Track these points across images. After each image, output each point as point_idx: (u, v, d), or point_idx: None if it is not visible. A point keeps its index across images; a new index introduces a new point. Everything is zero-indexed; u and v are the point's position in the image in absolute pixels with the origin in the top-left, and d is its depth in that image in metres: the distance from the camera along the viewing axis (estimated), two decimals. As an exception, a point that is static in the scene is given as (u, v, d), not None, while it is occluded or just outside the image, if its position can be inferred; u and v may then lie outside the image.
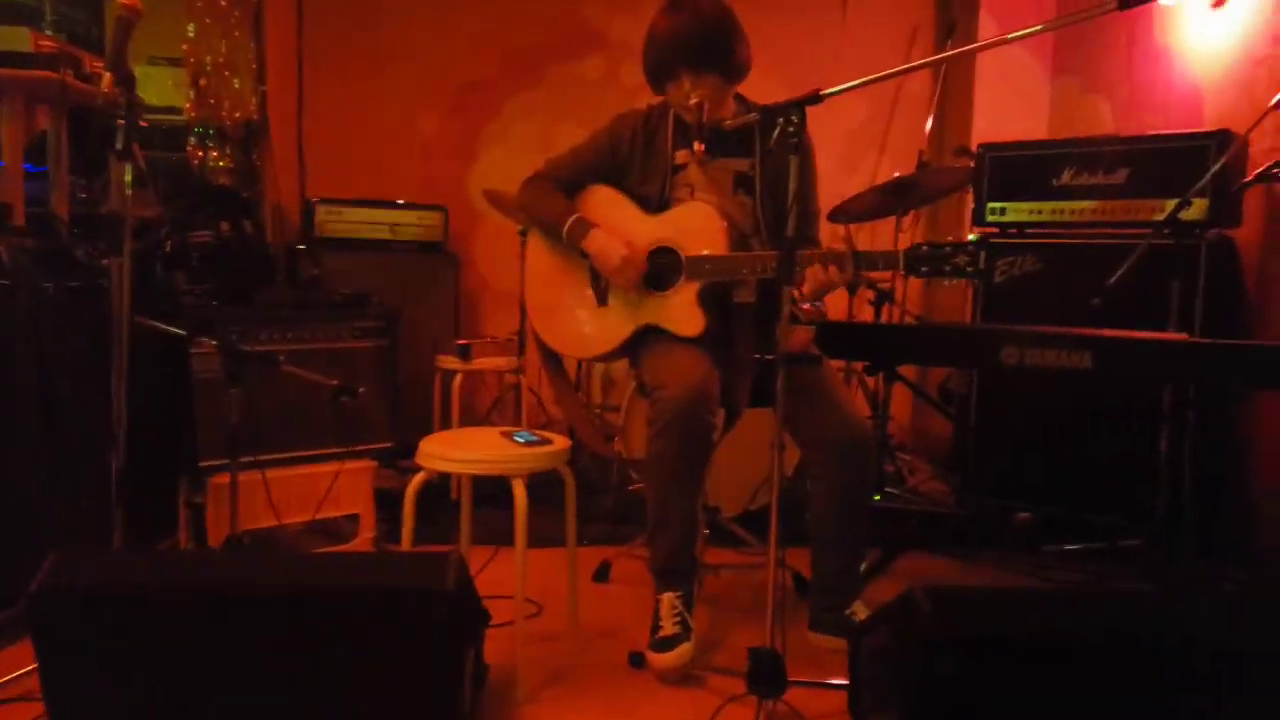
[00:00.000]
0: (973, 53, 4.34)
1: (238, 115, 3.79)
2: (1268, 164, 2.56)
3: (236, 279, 3.17)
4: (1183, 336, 2.81)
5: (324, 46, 4.50)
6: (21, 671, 2.02)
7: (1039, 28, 1.96)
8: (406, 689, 1.68)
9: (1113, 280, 2.69)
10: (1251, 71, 3.21)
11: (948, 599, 1.66)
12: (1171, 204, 2.82)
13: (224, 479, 2.53)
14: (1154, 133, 3.37)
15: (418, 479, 2.18)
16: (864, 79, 1.94)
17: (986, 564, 3.08)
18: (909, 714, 1.67)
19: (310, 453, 2.91)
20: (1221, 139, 2.96)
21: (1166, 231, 2.85)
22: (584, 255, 2.40)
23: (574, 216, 2.41)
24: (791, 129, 1.91)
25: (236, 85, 3.77)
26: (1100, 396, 3.17)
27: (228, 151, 3.76)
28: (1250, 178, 2.51)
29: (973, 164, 3.54)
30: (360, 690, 1.67)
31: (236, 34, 3.74)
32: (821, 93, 1.91)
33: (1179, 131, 3.22)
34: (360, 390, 2.82)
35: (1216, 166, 2.80)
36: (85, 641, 1.60)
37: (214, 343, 2.55)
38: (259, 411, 2.65)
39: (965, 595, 1.74)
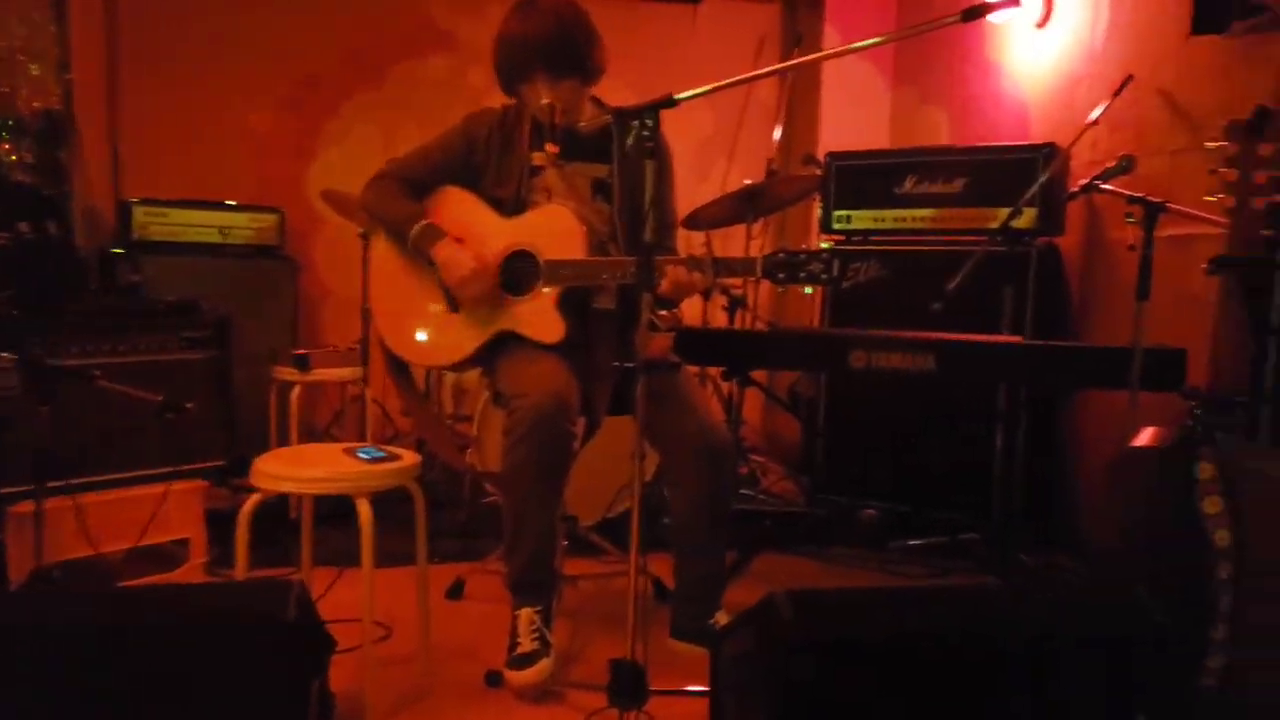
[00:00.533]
0: (817, 61, 4.44)
1: (37, 105, 3.44)
2: (1089, 176, 2.71)
3: (40, 285, 2.89)
4: (1017, 339, 2.95)
5: (142, 33, 4.18)
6: None
7: (879, 39, 2.01)
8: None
9: (952, 286, 2.79)
10: (1071, 89, 3.41)
11: (807, 603, 1.66)
12: (1004, 213, 2.96)
13: (26, 508, 2.29)
14: (986, 144, 3.54)
15: (252, 500, 2.02)
16: (717, 83, 1.93)
17: (837, 561, 3.15)
18: (771, 718, 1.66)
19: (133, 474, 2.68)
20: (1048, 152, 3.13)
21: (1000, 239, 3.00)
22: (430, 264, 2.29)
23: (422, 223, 2.30)
24: (646, 133, 1.88)
25: (35, 72, 3.43)
26: (941, 398, 3.29)
27: (26, 145, 3.41)
28: (1075, 189, 2.65)
29: (820, 172, 3.63)
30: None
31: (35, 16, 3.39)
32: (675, 96, 1.89)
33: (1009, 144, 3.39)
34: (188, 406, 2.62)
35: (1044, 178, 2.95)
36: None
37: (12, 357, 2.30)
38: (72, 432, 2.42)
39: (824, 598, 1.75)
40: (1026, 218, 3.11)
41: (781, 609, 1.65)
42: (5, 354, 2.30)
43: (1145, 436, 2.01)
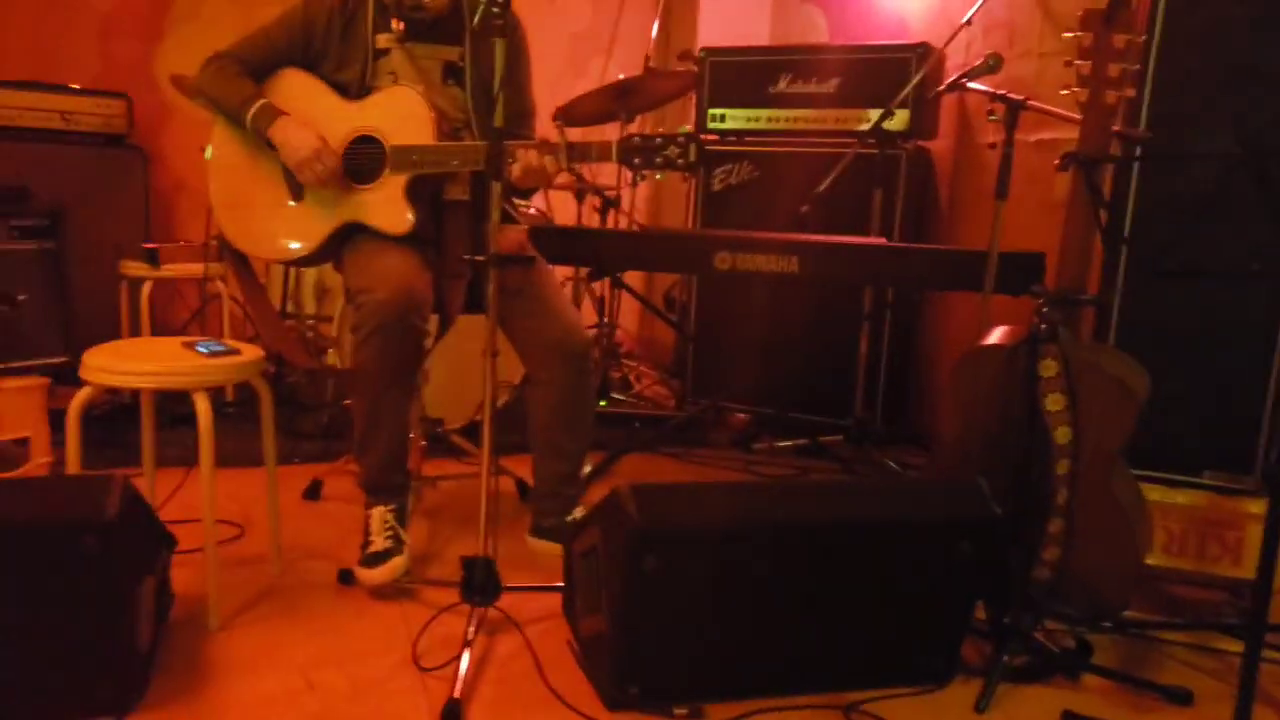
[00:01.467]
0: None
1: None
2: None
3: None
4: (882, 241, 3.00)
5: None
6: None
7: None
8: (74, 628, 1.51)
9: (821, 188, 2.81)
10: (947, -10, 3.41)
11: (651, 497, 1.68)
12: (877, 114, 2.96)
13: None
14: (861, 44, 3.52)
15: (82, 394, 1.92)
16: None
17: (703, 462, 3.20)
18: (618, 612, 1.68)
19: (-41, 370, 2.51)
20: (922, 51, 3.14)
21: (871, 141, 3.01)
22: (270, 146, 2.16)
23: (260, 102, 2.16)
24: (496, 9, 1.79)
25: None
26: (809, 302, 3.33)
27: None
28: (943, 86, 2.66)
29: (696, 69, 3.57)
30: (25, 633, 1.48)
31: None
32: (524, -31, 1.80)
33: (884, 43, 3.38)
34: (20, 298, 2.48)
35: (917, 78, 2.97)
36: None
37: None
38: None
39: (668, 492, 1.76)
40: (899, 120, 3.13)
41: (625, 503, 1.67)
42: None
43: (996, 336, 2.07)
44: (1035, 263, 2.47)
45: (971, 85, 2.60)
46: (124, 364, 1.90)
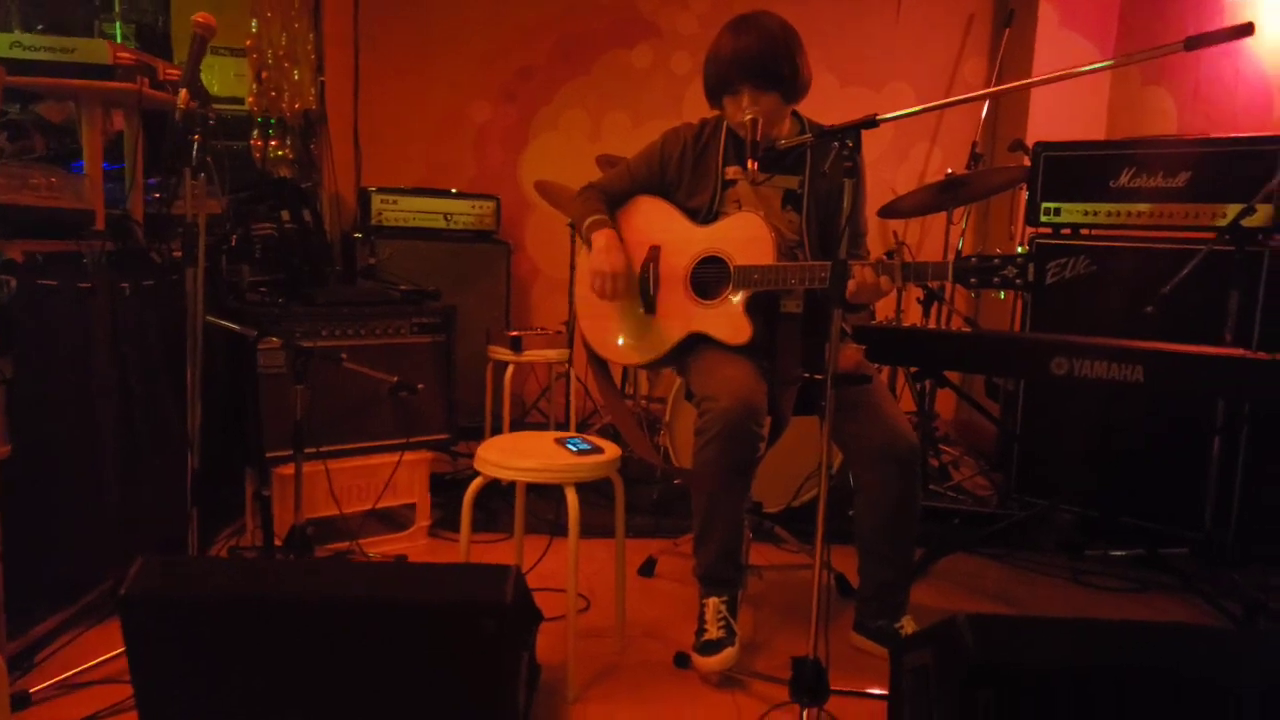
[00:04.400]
0: (1025, 88, 4.27)
1: (298, 106, 3.86)
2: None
3: (297, 270, 3.28)
4: (1239, 351, 2.78)
5: (379, 36, 4.56)
6: (109, 656, 2.16)
7: (1103, 65, 1.93)
8: (467, 697, 1.77)
9: (1168, 287, 2.67)
10: (1325, 72, 3.14)
11: (990, 629, 1.70)
12: (1235, 209, 2.78)
13: (288, 470, 2.64)
14: (1218, 134, 3.31)
15: (477, 482, 2.26)
16: (921, 107, 1.95)
17: (1027, 566, 3.10)
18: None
19: (370, 444, 3.01)
20: (1290, 143, 2.90)
21: (1228, 238, 2.82)
22: (588, 245, 2.48)
23: (598, 217, 2.49)
24: (846, 152, 1.93)
25: (296, 76, 3.84)
26: (1152, 404, 3.14)
27: (288, 142, 3.84)
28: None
29: (1027, 161, 3.51)
30: (423, 697, 1.76)
31: (297, 25, 3.80)
32: (878, 118, 1.93)
33: (1245, 135, 3.16)
34: (420, 387, 2.92)
35: (1284, 173, 2.75)
36: (173, 644, 1.70)
37: (278, 341, 2.65)
38: (321, 405, 2.75)
39: (1008, 625, 1.77)
40: (1261, 216, 2.91)
41: (963, 635, 1.70)
42: (274, 338, 2.65)
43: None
44: None
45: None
46: (511, 460, 2.22)
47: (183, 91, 2.09)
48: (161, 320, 2.60)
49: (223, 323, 2.53)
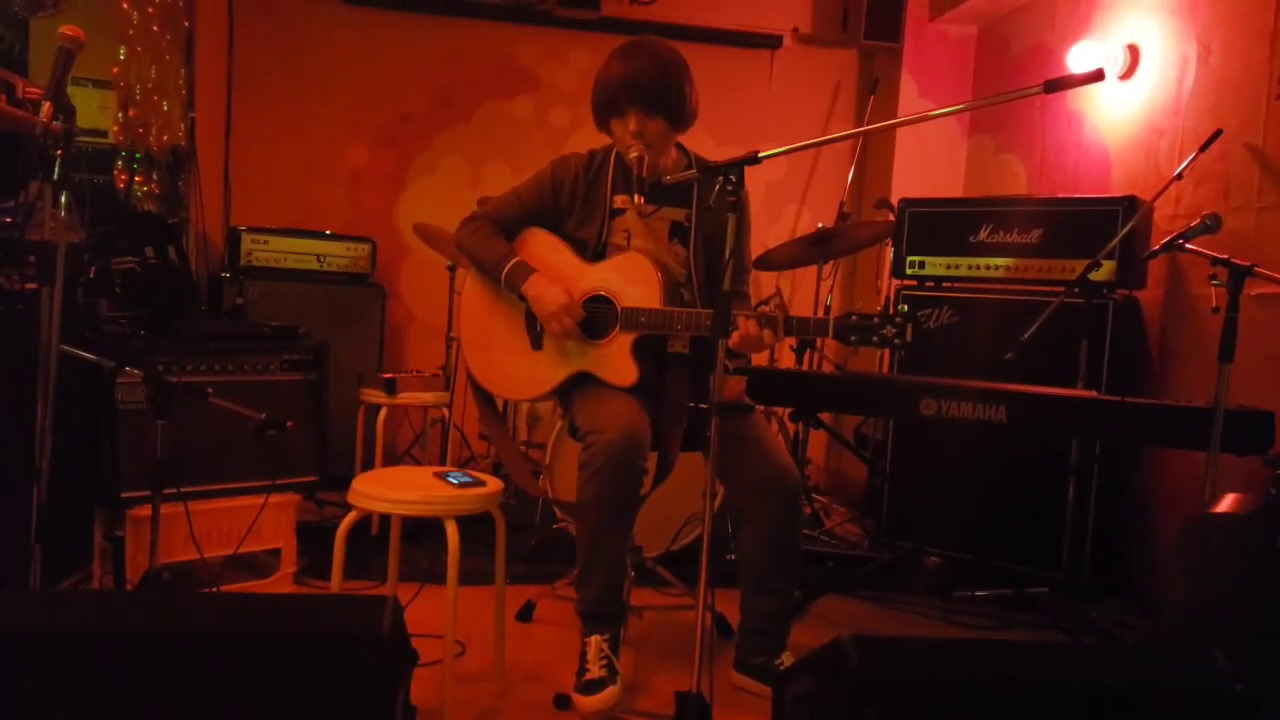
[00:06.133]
0: (892, 127, 4.50)
1: (165, 140, 3.71)
2: (1172, 231, 2.72)
3: (160, 306, 3.11)
4: (1091, 394, 2.96)
5: (255, 74, 4.45)
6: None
7: (961, 107, 2.07)
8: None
9: (1026, 336, 2.83)
10: (1155, 141, 3.43)
11: (874, 648, 1.73)
12: (1082, 264, 2.98)
13: (144, 511, 2.47)
14: (1066, 195, 3.56)
15: (350, 518, 2.16)
16: (801, 144, 2.04)
17: (900, 607, 3.17)
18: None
19: (234, 486, 2.85)
20: (1129, 204, 3.15)
21: (1077, 291, 3.02)
22: (522, 299, 2.42)
23: (514, 261, 2.43)
24: (730, 187, 1.98)
25: (165, 109, 3.70)
26: (1011, 447, 3.30)
27: (154, 177, 3.68)
28: (1157, 247, 2.66)
29: (893, 217, 3.69)
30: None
31: (168, 58, 3.67)
32: (759, 154, 2.00)
33: (1090, 195, 3.41)
34: (289, 424, 2.78)
35: (1125, 230, 2.98)
36: (12, 686, 1.55)
37: (139, 373, 2.50)
38: (183, 443, 2.59)
39: (890, 645, 1.80)
40: (1106, 270, 3.14)
41: (848, 654, 1.72)
42: (134, 369, 2.49)
43: (1226, 503, 2.02)
44: (1264, 421, 2.40)
45: (1189, 246, 2.59)
46: (389, 492, 2.14)
47: (45, 104, 1.98)
48: (11, 350, 2.42)
49: (80, 353, 2.37)
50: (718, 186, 2.01)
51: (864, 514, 4.14)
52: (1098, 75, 1.79)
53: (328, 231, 4.24)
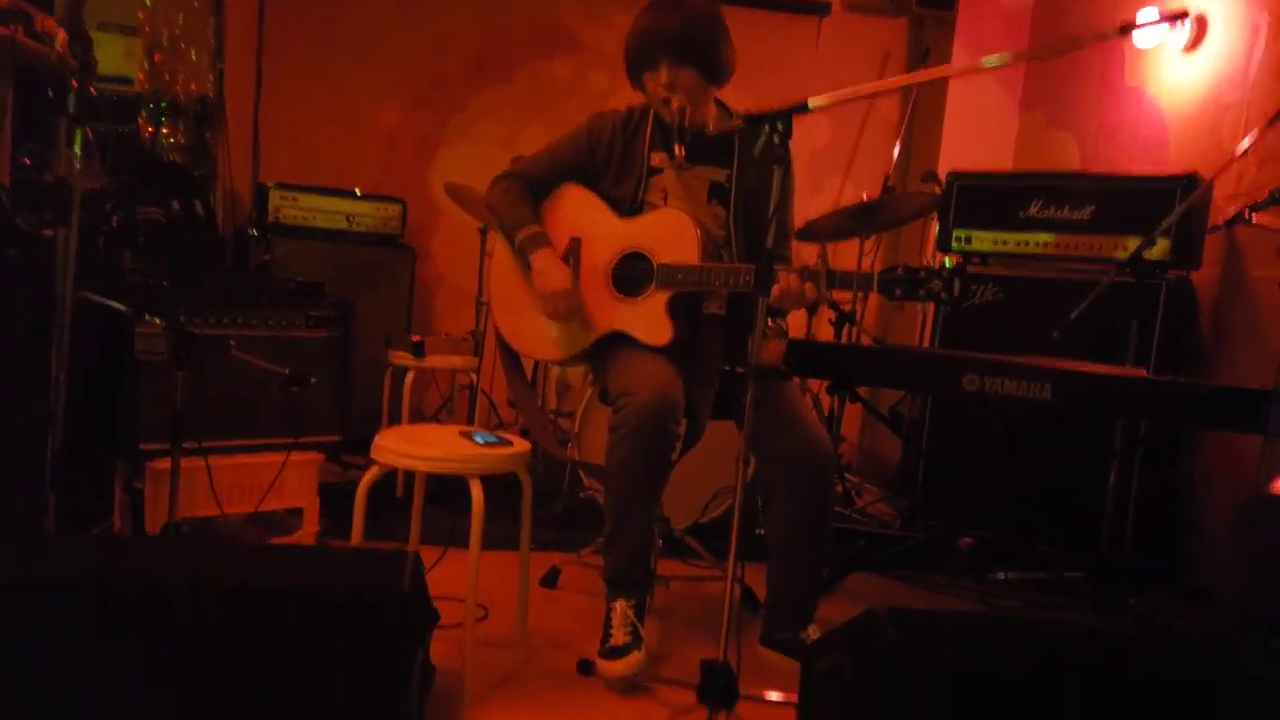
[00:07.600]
0: (947, 76, 4.39)
1: (194, 89, 3.65)
2: (1231, 209, 2.60)
3: (184, 260, 3.07)
4: (1140, 373, 2.85)
5: (288, 27, 4.37)
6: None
7: (1024, 54, 1.96)
8: (355, 690, 1.62)
9: (1075, 314, 2.72)
10: (1219, 115, 3.28)
11: (909, 620, 1.65)
12: (1135, 242, 2.86)
13: (164, 464, 2.42)
14: (1121, 172, 3.42)
15: (371, 473, 2.11)
16: (853, 90, 1.93)
17: (933, 588, 3.08)
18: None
19: (256, 442, 2.80)
20: (1188, 182, 3.01)
21: (1129, 269, 2.90)
22: (528, 268, 2.35)
23: (532, 229, 2.37)
24: (777, 138, 1.89)
25: (193, 58, 3.63)
26: (1051, 428, 3.19)
27: (180, 128, 3.62)
28: (1219, 223, 2.54)
29: (939, 191, 3.57)
30: (305, 689, 1.60)
31: (196, 5, 3.60)
32: (809, 102, 1.90)
33: (1147, 173, 3.28)
34: (312, 380, 2.73)
35: (1183, 207, 2.85)
36: (20, 629, 1.50)
37: (161, 323, 2.45)
38: (204, 397, 2.54)
39: (924, 617, 1.72)
40: (1159, 249, 3.01)
41: (883, 625, 1.64)
42: (155, 318, 2.44)
43: (1284, 484, 1.92)
44: (1324, 406, 2.27)
45: (1255, 220, 2.46)
46: (413, 449, 2.08)
47: (61, 34, 1.92)
48: (30, 296, 2.37)
49: (98, 298, 2.32)
50: (763, 138, 1.91)
51: (896, 494, 4.05)
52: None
53: (357, 191, 4.17)
